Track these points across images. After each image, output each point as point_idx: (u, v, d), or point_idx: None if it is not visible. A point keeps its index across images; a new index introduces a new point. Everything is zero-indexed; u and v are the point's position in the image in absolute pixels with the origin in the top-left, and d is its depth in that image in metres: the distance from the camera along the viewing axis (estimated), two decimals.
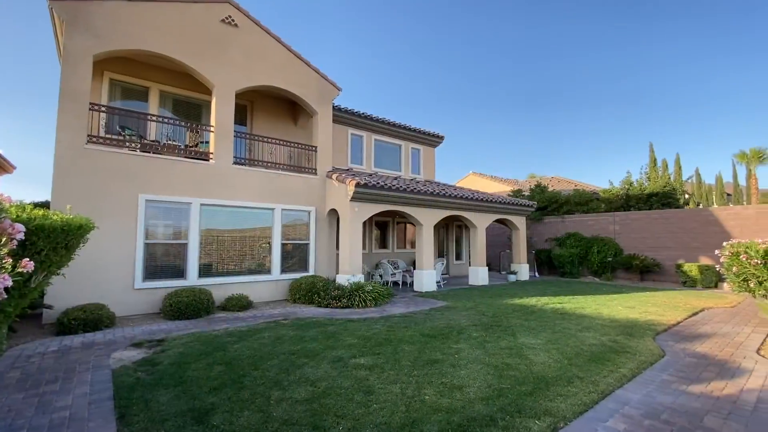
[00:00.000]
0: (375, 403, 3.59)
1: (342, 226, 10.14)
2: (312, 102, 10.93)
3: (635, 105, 56.91)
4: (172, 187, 8.35)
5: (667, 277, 14.17)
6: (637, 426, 3.24)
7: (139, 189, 7.94)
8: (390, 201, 10.66)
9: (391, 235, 14.82)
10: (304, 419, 3.27)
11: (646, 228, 14.87)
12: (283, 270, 9.98)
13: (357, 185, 9.58)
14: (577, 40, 48.68)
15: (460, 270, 16.90)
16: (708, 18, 39.74)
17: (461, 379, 4.22)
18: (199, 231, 8.65)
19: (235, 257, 9.30)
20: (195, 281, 8.45)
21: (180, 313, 7.35)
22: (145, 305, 7.87)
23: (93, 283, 7.26)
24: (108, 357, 5.06)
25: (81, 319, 6.35)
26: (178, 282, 8.26)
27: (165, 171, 8.30)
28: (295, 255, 10.34)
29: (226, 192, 9.08)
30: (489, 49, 54.82)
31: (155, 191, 8.13)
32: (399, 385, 4.03)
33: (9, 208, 2.56)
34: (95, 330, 6.46)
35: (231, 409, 3.46)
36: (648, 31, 44.96)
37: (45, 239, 3.14)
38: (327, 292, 8.97)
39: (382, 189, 10.19)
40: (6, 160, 10.83)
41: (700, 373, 4.55)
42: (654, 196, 17.05)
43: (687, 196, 23.13)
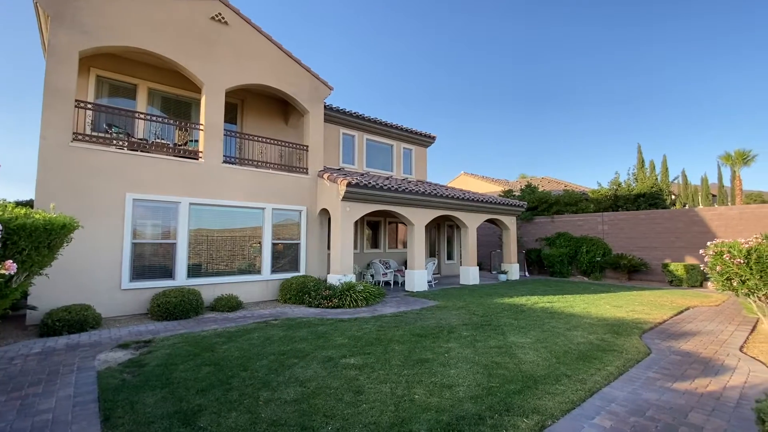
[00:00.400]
0: (364, 403, 3.58)
1: (333, 225, 10.11)
2: (303, 101, 10.88)
3: (624, 106, 57.79)
4: (160, 186, 8.24)
5: (654, 277, 14.41)
6: (623, 423, 3.28)
7: (127, 188, 7.82)
8: (381, 201, 10.66)
9: (383, 235, 14.82)
10: (292, 420, 3.25)
11: (633, 228, 15.10)
12: (274, 270, 9.91)
13: (348, 185, 9.56)
14: (570, 41, 49.26)
15: (451, 270, 16.98)
16: (696, 20, 40.47)
17: (451, 378, 4.23)
18: (188, 230, 8.55)
19: (225, 257, 9.21)
20: (184, 281, 8.36)
21: (168, 314, 7.25)
22: (133, 306, 7.76)
23: (78, 284, 7.13)
24: (93, 358, 4.97)
25: (65, 320, 6.23)
26: (166, 282, 8.15)
27: (153, 170, 8.19)
28: (286, 255, 10.28)
29: (215, 191, 8.99)
30: (483, 50, 55.18)
31: (143, 190, 8.01)
32: (389, 385, 4.03)
33: None
34: (80, 331, 6.35)
35: (219, 411, 3.42)
36: (637, 34, 45.69)
37: (27, 239, 3.08)
38: (318, 292, 8.94)
39: (373, 189, 10.18)
40: None
41: (684, 371, 4.63)
42: (641, 196, 17.31)
43: (673, 196, 23.54)
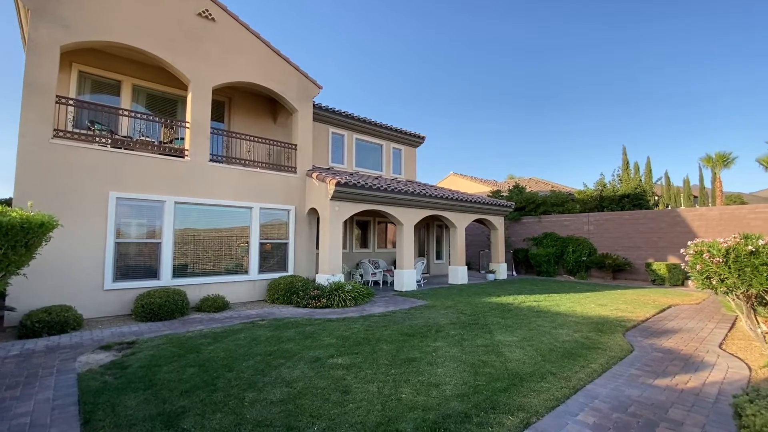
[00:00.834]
0: (351, 403, 3.57)
1: (322, 225, 10.06)
2: (292, 99, 10.80)
3: (610, 107, 58.82)
4: (145, 185, 8.09)
5: (638, 276, 14.70)
6: (606, 419, 3.34)
7: (110, 186, 7.66)
8: (371, 200, 10.65)
9: (372, 235, 14.82)
10: (278, 420, 3.22)
11: (618, 228, 15.38)
12: (262, 270, 9.82)
13: (337, 184, 9.52)
14: (563, 42, 49.82)
15: (440, 269, 17.05)
16: (682, 20, 41.23)
17: (438, 377, 4.25)
18: (174, 230, 8.41)
19: (212, 257, 9.09)
20: (169, 281, 8.22)
21: (152, 315, 7.13)
22: (116, 306, 7.60)
23: (59, 284, 6.96)
24: (74, 360, 4.86)
25: (45, 322, 6.07)
26: (151, 282, 8.01)
27: (137, 168, 8.04)
28: (274, 255, 10.19)
29: (202, 190, 8.86)
30: (475, 50, 55.49)
31: (127, 188, 7.86)
32: (376, 384, 4.02)
33: None
34: (61, 333, 6.19)
35: (203, 412, 3.37)
36: (624, 36, 46.49)
37: (3, 237, 2.99)
38: (306, 292, 8.88)
39: (362, 188, 10.17)
40: None
41: (666, 367, 4.73)
42: (626, 197, 17.65)
43: (657, 197, 24.06)
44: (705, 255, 5.25)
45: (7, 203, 9.39)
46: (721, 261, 5.05)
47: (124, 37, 8.03)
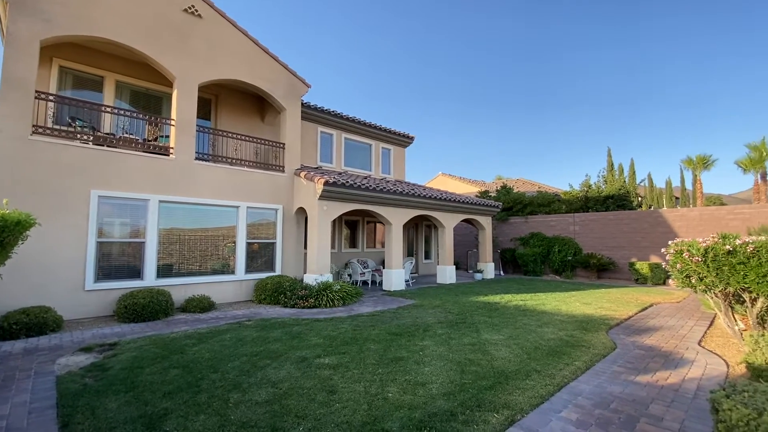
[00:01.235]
0: (337, 402, 3.56)
1: (310, 225, 10.00)
2: (280, 98, 10.72)
3: (596, 107, 59.85)
4: (128, 183, 7.92)
5: (622, 275, 14.99)
6: (588, 415, 3.39)
7: (92, 184, 7.48)
8: (359, 200, 10.63)
9: (361, 235, 14.79)
10: (263, 421, 3.19)
11: (603, 228, 15.66)
12: (249, 270, 9.71)
13: (326, 183, 9.48)
14: (556, 43, 50.42)
15: (428, 269, 17.12)
16: (671, 20, 41.93)
17: (425, 376, 4.26)
18: (158, 229, 8.26)
19: (197, 257, 8.96)
20: (153, 282, 8.07)
21: (136, 315, 6.99)
22: (98, 307, 7.43)
23: (38, 285, 6.77)
24: (53, 363, 4.73)
25: (23, 323, 5.89)
26: (134, 283, 7.85)
27: (121, 165, 7.87)
28: (261, 254, 10.09)
29: (187, 189, 8.72)
30: (474, 49, 55.74)
31: (109, 187, 7.69)
32: (363, 384, 4.02)
33: None
34: (40, 334, 6.03)
35: (186, 414, 3.32)
36: (611, 37, 47.27)
37: None
38: (294, 291, 8.82)
39: (351, 188, 10.14)
40: None
41: (647, 364, 4.84)
42: (610, 198, 17.98)
43: (640, 198, 24.55)
44: (685, 254, 5.38)
45: None
46: (700, 260, 5.18)
47: (107, 32, 7.86)
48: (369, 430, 3.06)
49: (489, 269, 15.46)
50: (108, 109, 8.35)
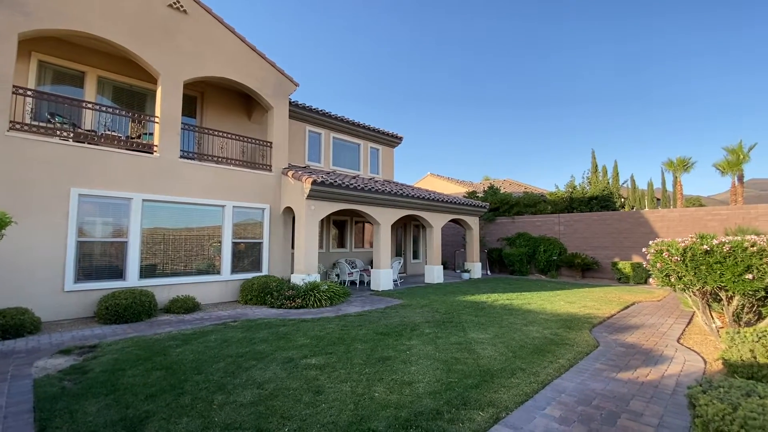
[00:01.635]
0: (324, 403, 3.54)
1: (297, 224, 9.94)
2: (267, 96, 10.61)
3: (582, 107, 60.91)
4: (110, 181, 7.74)
5: (605, 274, 15.30)
6: (571, 412, 3.45)
7: (72, 182, 7.29)
8: (347, 200, 10.60)
9: (349, 235, 14.75)
10: (248, 422, 3.16)
11: (587, 228, 15.96)
12: (235, 270, 9.60)
13: (313, 183, 9.43)
14: (549, 42, 51.08)
15: (416, 269, 17.18)
16: (659, 19, 42.84)
17: (411, 375, 4.28)
18: (141, 228, 8.09)
19: (182, 257, 8.81)
20: (136, 282, 7.90)
21: (118, 317, 6.84)
22: (78, 308, 7.24)
23: (14, 285, 6.56)
24: (30, 366, 4.59)
25: None
26: (116, 283, 7.68)
27: (102, 163, 7.68)
28: (248, 254, 9.98)
29: (171, 187, 8.57)
30: (458, 52, 56.14)
31: (90, 185, 7.50)
32: (349, 384, 4.01)
33: None
34: (17, 337, 5.85)
35: (168, 417, 3.26)
36: (601, 36, 48.09)
37: None
38: (281, 292, 8.74)
39: (339, 187, 10.11)
40: None
41: (628, 361, 4.95)
42: (594, 199, 18.33)
43: (623, 199, 25.10)
44: (664, 254, 5.51)
45: None
46: (679, 259, 5.32)
47: (89, 27, 7.66)
48: (355, 429, 3.06)
49: (476, 269, 15.59)
50: (89, 106, 8.14)
